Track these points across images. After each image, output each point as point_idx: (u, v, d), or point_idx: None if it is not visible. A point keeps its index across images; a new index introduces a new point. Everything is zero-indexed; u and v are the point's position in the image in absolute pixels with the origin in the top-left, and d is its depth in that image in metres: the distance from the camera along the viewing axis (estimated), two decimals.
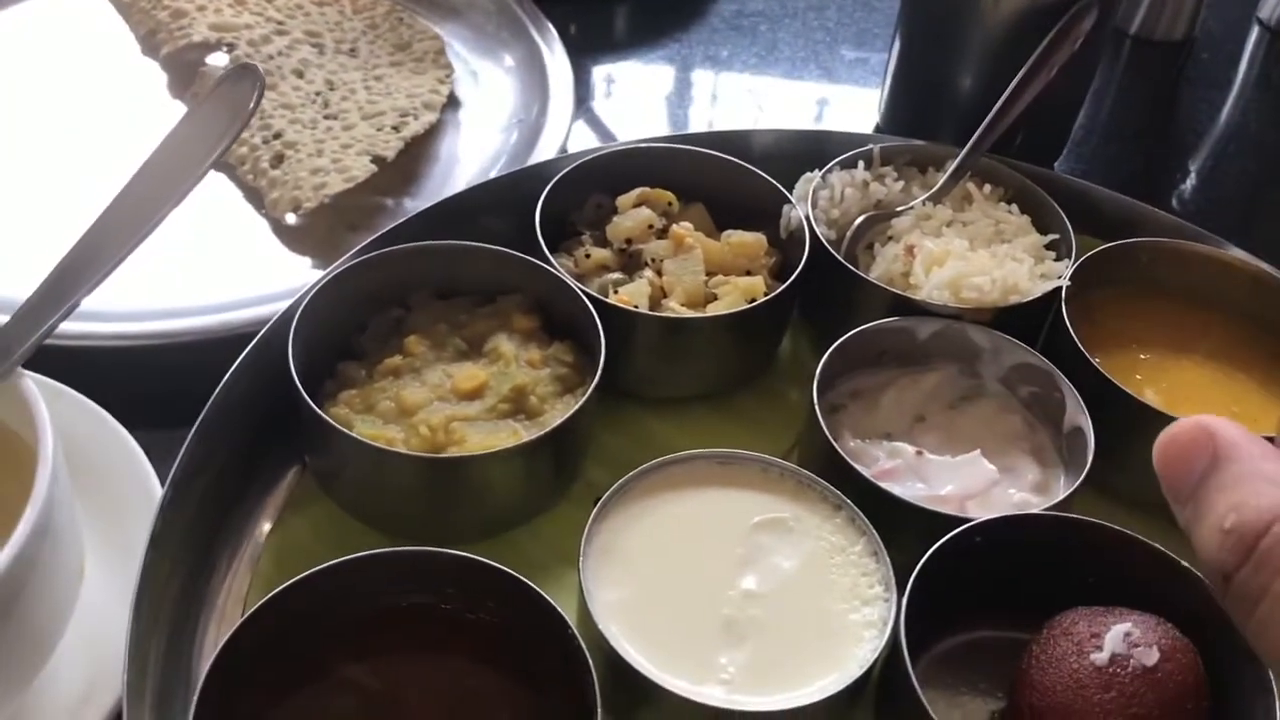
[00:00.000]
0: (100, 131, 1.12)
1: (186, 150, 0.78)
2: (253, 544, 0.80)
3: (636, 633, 0.68)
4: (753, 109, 1.29)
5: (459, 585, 0.68)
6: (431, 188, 1.09)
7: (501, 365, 0.83)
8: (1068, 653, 0.69)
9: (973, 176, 0.99)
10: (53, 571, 0.66)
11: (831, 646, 0.69)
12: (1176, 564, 0.73)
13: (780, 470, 0.77)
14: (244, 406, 0.80)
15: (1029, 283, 0.89)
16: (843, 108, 1.31)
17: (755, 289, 0.89)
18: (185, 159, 0.78)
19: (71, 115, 1.14)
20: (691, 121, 1.27)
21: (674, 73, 1.34)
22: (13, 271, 0.90)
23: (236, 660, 0.64)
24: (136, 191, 0.77)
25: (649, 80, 1.33)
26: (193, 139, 0.79)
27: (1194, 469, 0.41)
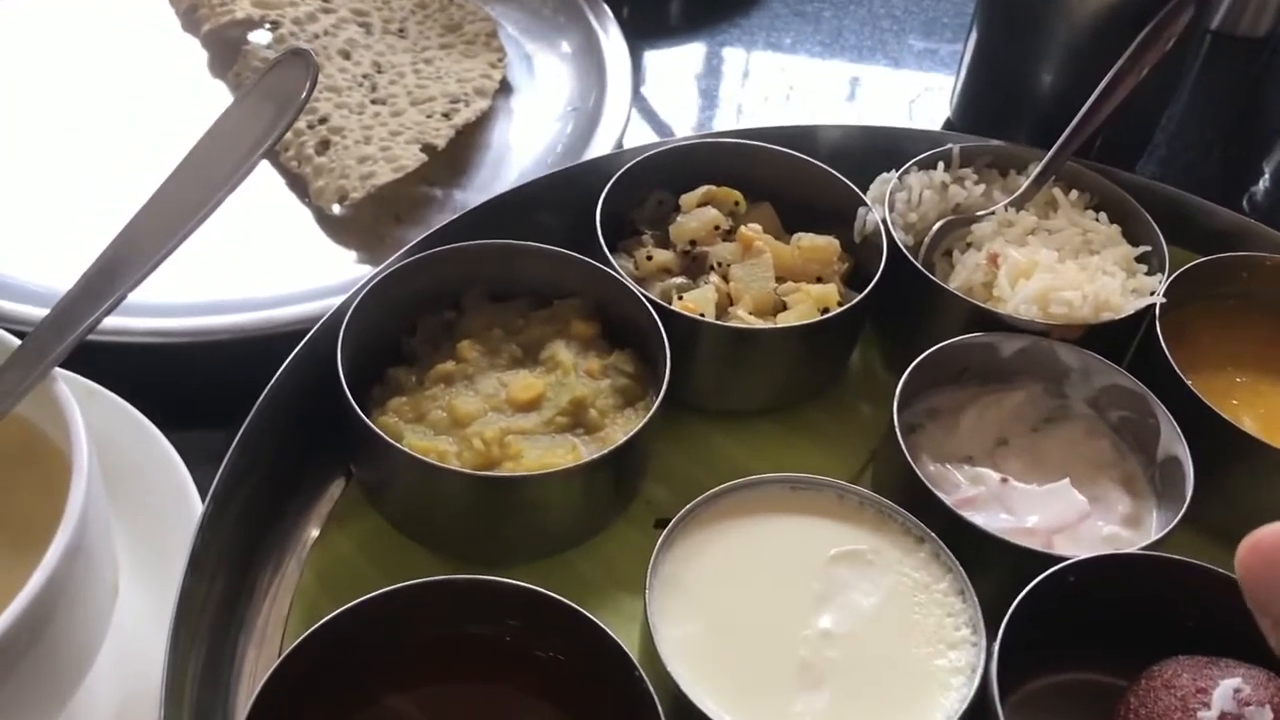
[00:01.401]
0: (139, 113, 1.08)
1: (233, 141, 0.73)
2: (295, 559, 0.75)
3: (705, 674, 0.64)
4: (816, 101, 1.24)
5: (522, 618, 0.64)
6: (482, 178, 1.04)
7: (559, 375, 0.79)
8: (1170, 708, 0.64)
9: (1057, 182, 0.94)
10: (86, 591, 0.62)
11: (915, 694, 0.64)
12: None
13: (858, 498, 0.72)
14: (288, 414, 0.76)
15: (1121, 299, 0.84)
16: (911, 101, 1.25)
17: (828, 297, 0.83)
18: (232, 150, 0.73)
19: (109, 96, 1.10)
20: (751, 114, 1.21)
21: (733, 61, 1.28)
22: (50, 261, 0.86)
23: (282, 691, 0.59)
24: (181, 184, 0.73)
25: (706, 69, 1.27)
26: (240, 128, 0.74)
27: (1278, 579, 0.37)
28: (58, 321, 0.68)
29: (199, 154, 0.73)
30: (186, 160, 0.73)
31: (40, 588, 0.57)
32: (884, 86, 1.27)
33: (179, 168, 0.73)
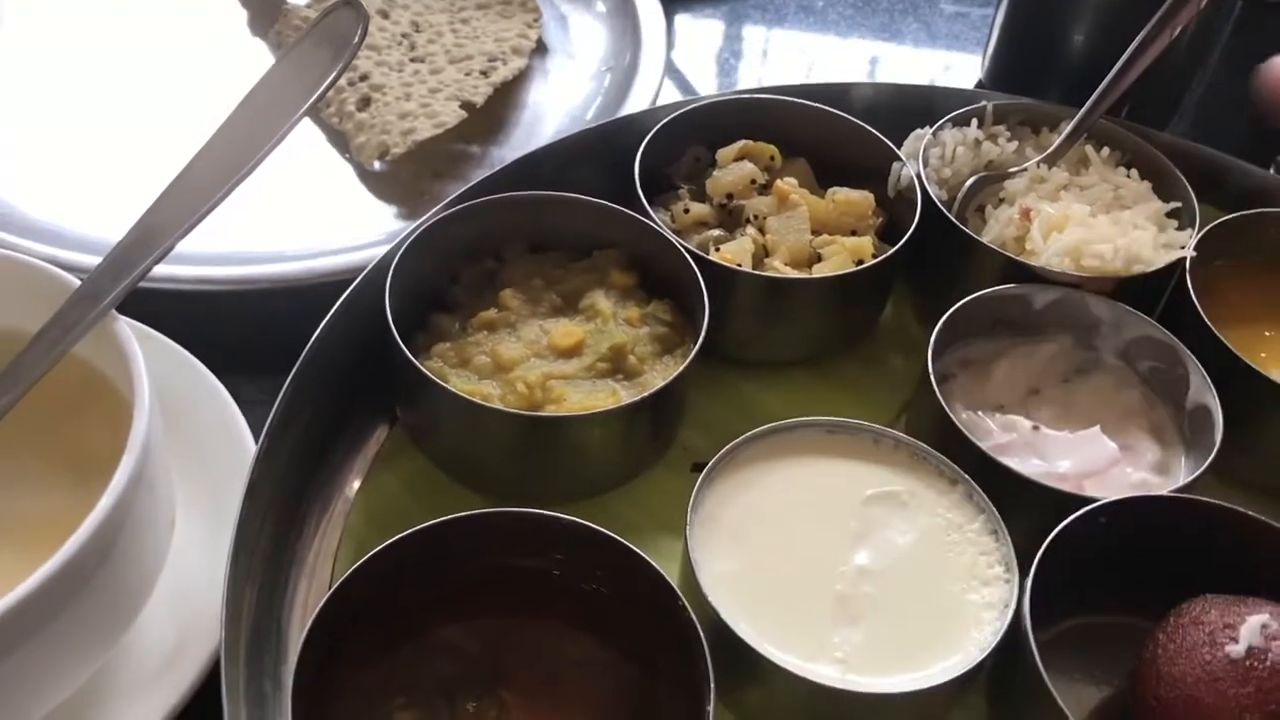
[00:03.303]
0: (184, 71, 1.10)
1: (286, 88, 0.75)
2: (343, 499, 0.78)
3: (745, 607, 0.66)
4: (848, 63, 1.24)
5: (568, 551, 0.66)
6: (519, 136, 1.05)
7: (599, 323, 0.80)
8: (1199, 643, 0.65)
9: (1089, 139, 0.94)
10: (148, 519, 0.65)
11: (949, 628, 0.66)
12: None
13: (894, 441, 0.74)
14: (337, 357, 0.78)
15: (1153, 252, 0.85)
16: (943, 63, 1.26)
17: (863, 250, 0.85)
18: (283, 99, 0.75)
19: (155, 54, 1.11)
20: (783, 75, 1.22)
21: (765, 23, 1.29)
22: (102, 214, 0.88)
23: (336, 619, 0.62)
24: (232, 133, 0.74)
25: (738, 31, 1.28)
26: (292, 76, 0.76)
27: None
28: (114, 265, 0.70)
29: (250, 104, 0.75)
30: (238, 110, 0.75)
31: (108, 511, 0.59)
32: (916, 49, 1.27)
33: (230, 117, 0.75)
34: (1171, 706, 0.64)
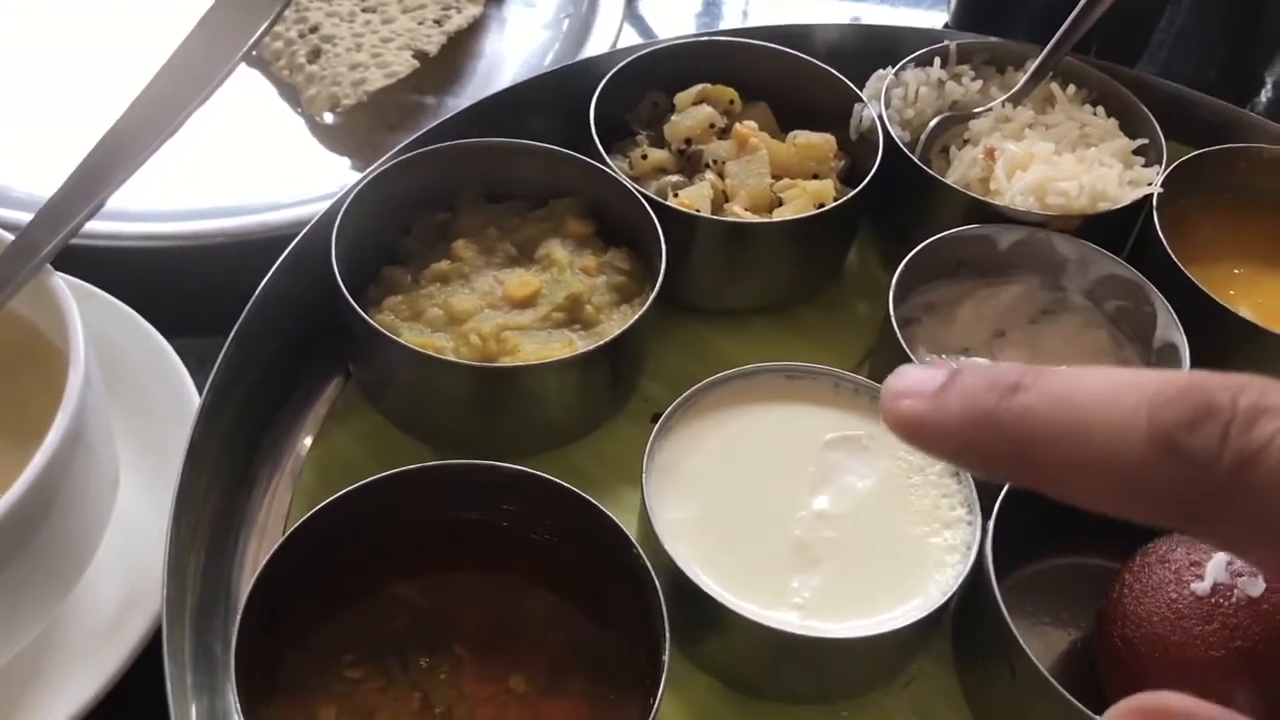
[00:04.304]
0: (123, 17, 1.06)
1: (219, 37, 0.73)
2: (294, 457, 0.76)
3: (703, 554, 0.64)
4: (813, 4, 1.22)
5: (516, 501, 0.64)
6: (475, 85, 1.03)
7: (555, 272, 0.78)
8: (1165, 581, 0.64)
9: (1055, 77, 0.93)
10: (86, 480, 0.63)
11: (910, 571, 0.65)
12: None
13: (853, 385, 0.72)
14: (284, 312, 0.76)
15: (1118, 189, 0.83)
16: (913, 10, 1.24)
17: (824, 193, 0.83)
18: (218, 47, 0.73)
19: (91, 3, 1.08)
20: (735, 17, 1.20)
21: None
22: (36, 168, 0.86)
23: (281, 577, 0.60)
24: (166, 82, 0.72)
25: None
26: (226, 25, 0.73)
27: None
28: (50, 217, 0.68)
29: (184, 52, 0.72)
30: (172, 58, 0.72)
31: (41, 470, 0.57)
32: None
33: (165, 66, 0.72)
34: (1137, 646, 0.63)
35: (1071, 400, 0.32)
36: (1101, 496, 0.32)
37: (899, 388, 0.35)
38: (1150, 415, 0.30)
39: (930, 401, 0.34)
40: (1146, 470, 0.30)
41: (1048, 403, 0.32)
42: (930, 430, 0.34)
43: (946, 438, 0.34)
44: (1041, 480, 0.33)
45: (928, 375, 0.34)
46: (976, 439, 0.33)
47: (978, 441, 0.33)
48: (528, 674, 0.61)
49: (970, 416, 0.33)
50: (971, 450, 0.34)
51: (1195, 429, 0.30)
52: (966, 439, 0.33)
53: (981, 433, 0.33)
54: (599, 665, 0.62)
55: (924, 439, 0.34)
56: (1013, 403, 0.32)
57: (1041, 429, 0.32)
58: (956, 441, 0.34)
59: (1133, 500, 0.31)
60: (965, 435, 0.33)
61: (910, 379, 0.35)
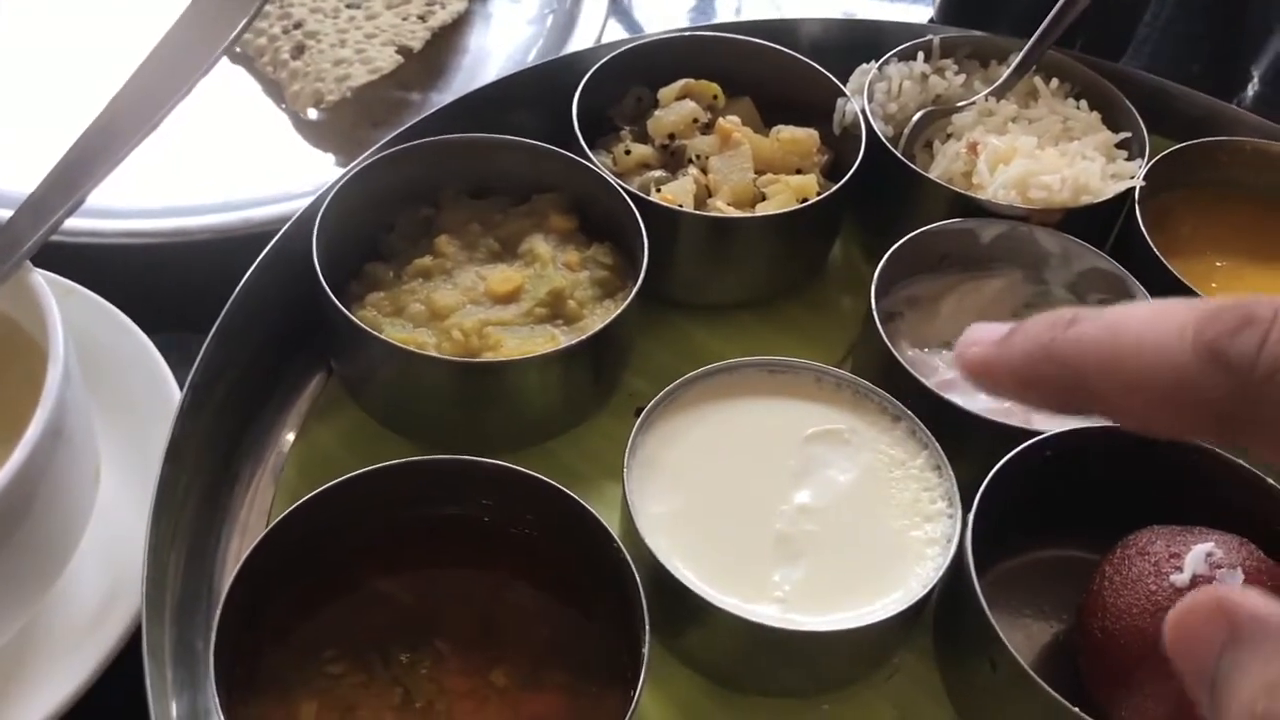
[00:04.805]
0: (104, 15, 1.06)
1: (199, 33, 0.73)
2: (276, 453, 0.76)
3: (684, 548, 0.64)
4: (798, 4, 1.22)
5: (496, 496, 0.64)
6: (460, 81, 1.03)
7: (538, 267, 0.78)
8: (1144, 574, 0.64)
9: (1038, 71, 0.93)
10: (67, 475, 0.63)
11: (891, 564, 0.65)
12: (1261, 481, 0.68)
13: (836, 379, 0.73)
14: (266, 308, 0.76)
15: (1101, 183, 0.84)
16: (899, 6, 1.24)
17: (807, 188, 0.83)
18: (198, 43, 0.73)
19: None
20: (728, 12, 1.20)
21: None
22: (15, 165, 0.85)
23: (261, 572, 0.60)
24: (147, 77, 0.72)
25: None
26: (206, 20, 0.73)
27: (1210, 650, 0.33)
28: (30, 213, 0.68)
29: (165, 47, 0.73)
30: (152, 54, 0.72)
31: (20, 466, 0.57)
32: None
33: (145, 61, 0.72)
34: (1117, 638, 0.63)
35: (1121, 324, 0.35)
36: (1148, 412, 0.35)
37: (970, 338, 0.39)
38: (1196, 329, 0.33)
39: (997, 345, 0.38)
40: (1190, 380, 0.33)
41: (1100, 328, 0.36)
42: (997, 368, 0.38)
43: (1011, 374, 0.38)
44: (1095, 402, 0.36)
45: (995, 326, 0.39)
46: (1038, 370, 0.37)
47: (1039, 372, 0.37)
48: (509, 668, 0.62)
49: (1032, 350, 0.37)
50: (1033, 383, 0.37)
51: (1235, 335, 0.32)
52: (1029, 372, 0.37)
53: (1042, 363, 0.37)
54: (580, 659, 0.62)
55: (992, 377, 0.38)
56: (1068, 333, 0.36)
57: (1094, 351, 0.35)
58: (1020, 376, 0.38)
59: (1176, 412, 0.34)
60: (1028, 368, 0.37)
61: (980, 330, 0.39)
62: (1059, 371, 0.37)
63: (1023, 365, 0.37)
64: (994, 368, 0.38)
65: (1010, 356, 0.38)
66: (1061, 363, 0.36)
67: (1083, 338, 0.36)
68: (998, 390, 0.39)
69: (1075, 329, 0.36)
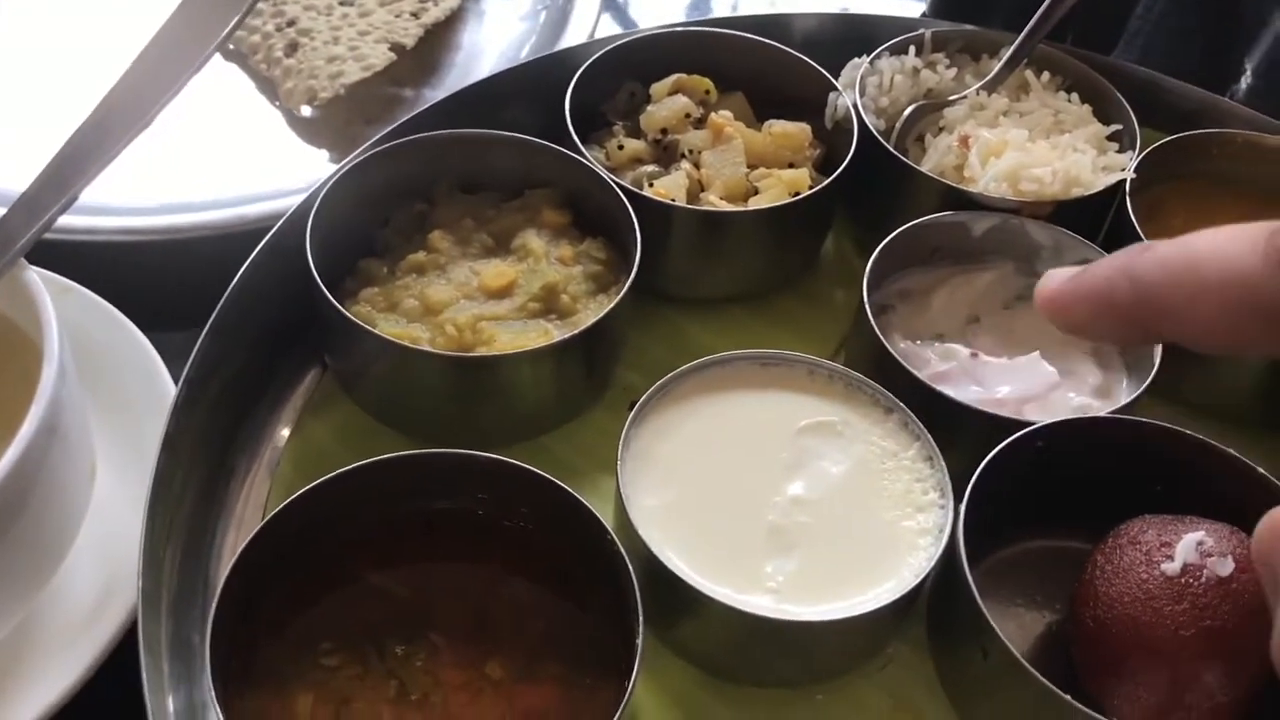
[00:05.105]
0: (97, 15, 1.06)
1: (191, 31, 0.73)
2: (271, 448, 0.76)
3: (678, 540, 0.65)
4: None
5: (491, 490, 0.65)
6: (453, 78, 1.03)
7: (531, 262, 0.79)
8: (1136, 562, 0.65)
9: (1029, 65, 0.93)
10: (62, 472, 0.63)
11: (884, 555, 0.65)
12: (1251, 470, 0.69)
13: (828, 372, 0.73)
14: (261, 304, 0.76)
15: (1092, 175, 0.84)
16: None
17: (800, 182, 0.83)
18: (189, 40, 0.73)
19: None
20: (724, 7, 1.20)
21: None
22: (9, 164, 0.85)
23: (256, 565, 0.61)
24: (138, 75, 0.72)
25: None
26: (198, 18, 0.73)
27: None
28: (24, 210, 0.68)
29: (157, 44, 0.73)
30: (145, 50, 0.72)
31: (14, 463, 0.58)
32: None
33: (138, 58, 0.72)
34: (1109, 626, 0.64)
35: (1196, 241, 0.38)
36: (1216, 320, 0.38)
37: (1046, 279, 0.44)
38: (1267, 241, 0.36)
39: (1073, 277, 0.42)
40: (1259, 285, 0.36)
41: (1175, 245, 0.39)
42: (1073, 297, 0.42)
43: (1086, 300, 0.41)
44: (1165, 319, 0.39)
45: (1069, 268, 0.43)
46: (1113, 292, 0.40)
47: (1114, 295, 0.40)
48: (503, 660, 0.62)
49: (1110, 274, 0.40)
50: (1107, 309, 0.41)
51: None
52: (1104, 296, 0.41)
53: (1118, 284, 0.40)
54: (574, 652, 0.62)
55: (1068, 307, 0.42)
56: (1143, 255, 0.40)
57: (1170, 262, 0.39)
58: (1094, 301, 0.41)
59: (1243, 320, 0.37)
60: (1103, 292, 0.41)
61: (1056, 271, 0.44)
62: (1133, 289, 0.39)
63: (1099, 288, 0.41)
64: (1070, 297, 0.42)
65: (1087, 282, 0.41)
66: (1138, 278, 0.39)
67: (1159, 253, 0.39)
68: (1070, 321, 0.43)
69: (1151, 250, 0.40)
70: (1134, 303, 0.40)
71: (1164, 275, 0.39)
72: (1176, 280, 0.39)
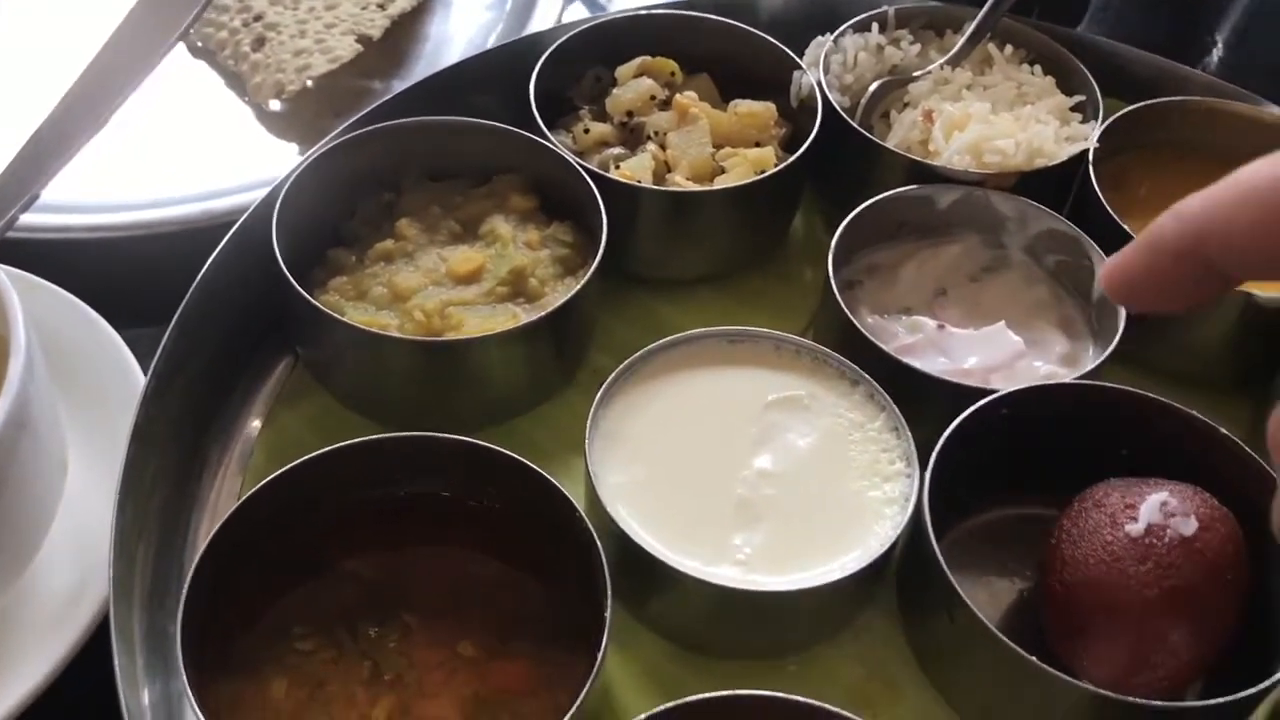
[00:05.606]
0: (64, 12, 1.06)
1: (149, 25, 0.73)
2: (244, 439, 0.77)
3: (646, 515, 0.65)
4: None
5: (459, 471, 0.65)
6: (421, 69, 1.04)
7: (499, 247, 0.79)
8: (1100, 525, 0.65)
9: (992, 38, 0.93)
10: (33, 465, 0.64)
11: (851, 524, 0.66)
12: (1214, 431, 0.69)
13: (795, 347, 0.73)
14: (229, 296, 0.77)
15: (1055, 145, 0.84)
16: None
17: (765, 160, 0.84)
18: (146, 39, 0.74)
19: None
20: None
21: None
22: None
23: (227, 553, 0.61)
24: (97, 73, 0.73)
25: None
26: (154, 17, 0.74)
27: None
28: None
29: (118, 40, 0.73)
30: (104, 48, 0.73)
31: None
32: None
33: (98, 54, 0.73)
34: (1075, 589, 0.64)
35: (1238, 171, 0.39)
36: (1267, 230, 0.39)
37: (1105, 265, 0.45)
38: None
39: (1122, 253, 0.43)
40: None
41: (1219, 182, 0.40)
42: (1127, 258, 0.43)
43: (1139, 255, 0.42)
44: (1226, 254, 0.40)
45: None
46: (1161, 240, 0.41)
47: (1162, 241, 0.41)
48: (476, 639, 0.62)
49: (1152, 227, 0.41)
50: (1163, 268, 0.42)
51: None
52: (1152, 245, 0.42)
53: (1163, 229, 0.41)
54: (546, 628, 0.63)
55: (1129, 280, 0.43)
56: (1188, 199, 0.41)
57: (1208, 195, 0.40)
58: (1145, 253, 0.42)
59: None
60: (1151, 243, 0.42)
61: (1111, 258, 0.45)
62: (1178, 223, 0.40)
63: (1146, 241, 0.41)
64: (1123, 262, 0.42)
65: (1138, 248, 0.42)
66: (1179, 212, 0.41)
67: (1203, 191, 0.40)
68: (1134, 293, 0.43)
69: (1193, 195, 0.40)
70: (1180, 234, 0.41)
71: (1204, 200, 0.40)
72: (1216, 199, 0.40)
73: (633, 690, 0.66)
